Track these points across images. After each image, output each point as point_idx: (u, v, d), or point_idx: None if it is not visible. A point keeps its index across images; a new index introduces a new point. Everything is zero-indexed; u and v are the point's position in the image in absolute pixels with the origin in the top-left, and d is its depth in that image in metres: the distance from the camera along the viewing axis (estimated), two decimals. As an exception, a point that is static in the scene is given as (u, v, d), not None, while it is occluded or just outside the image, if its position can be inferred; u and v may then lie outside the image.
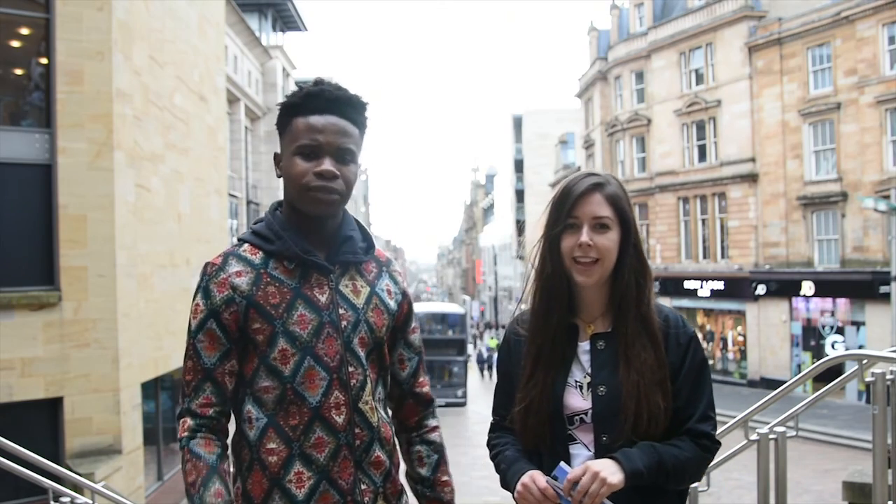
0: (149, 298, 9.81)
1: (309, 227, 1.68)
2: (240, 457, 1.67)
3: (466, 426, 22.66)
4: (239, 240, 1.74)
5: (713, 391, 1.71)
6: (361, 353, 1.67)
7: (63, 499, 3.56)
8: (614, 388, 1.62)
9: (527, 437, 1.70)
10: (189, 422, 1.63)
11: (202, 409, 1.64)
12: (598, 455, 1.61)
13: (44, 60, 8.42)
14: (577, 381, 1.67)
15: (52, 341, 8.25)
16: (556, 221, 1.67)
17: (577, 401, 1.66)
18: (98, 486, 4.24)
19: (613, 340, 1.67)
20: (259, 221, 1.75)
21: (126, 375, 8.91)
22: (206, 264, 1.69)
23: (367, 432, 1.65)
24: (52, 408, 8.39)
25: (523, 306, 1.85)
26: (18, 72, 8.76)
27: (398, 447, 1.81)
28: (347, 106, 1.65)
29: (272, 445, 1.61)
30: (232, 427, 1.72)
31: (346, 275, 1.71)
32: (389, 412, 1.81)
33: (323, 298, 1.65)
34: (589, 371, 1.67)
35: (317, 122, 1.62)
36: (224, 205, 14.54)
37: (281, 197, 1.79)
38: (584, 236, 1.62)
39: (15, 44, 8.72)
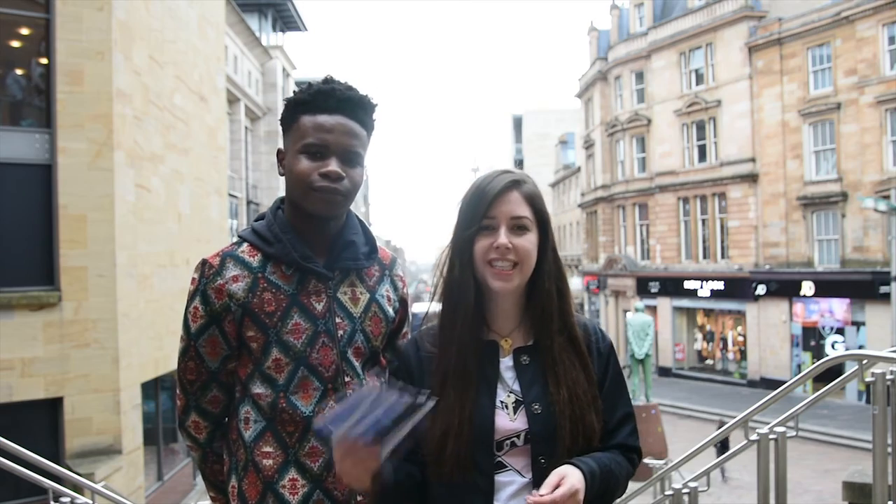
0: (149, 298, 9.81)
1: (310, 228, 1.64)
2: (235, 455, 1.65)
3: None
4: (239, 237, 1.70)
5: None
6: (357, 363, 1.64)
7: (63, 499, 3.56)
8: (550, 406, 1.46)
9: (444, 468, 1.45)
10: (201, 421, 1.71)
11: (212, 405, 1.69)
12: (537, 481, 1.43)
13: (44, 60, 8.42)
14: (501, 402, 1.49)
15: (52, 341, 8.24)
16: (470, 222, 1.49)
17: (506, 422, 1.47)
18: (98, 486, 4.24)
19: (538, 354, 1.51)
20: (261, 218, 1.71)
21: (126, 375, 8.91)
22: (204, 264, 1.64)
23: None
24: (52, 408, 8.39)
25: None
26: (18, 72, 8.76)
27: None
28: (357, 107, 1.61)
29: (268, 449, 1.59)
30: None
31: (346, 281, 1.66)
32: None
33: (319, 307, 1.61)
34: (515, 388, 1.50)
35: (325, 121, 1.57)
36: (224, 205, 14.54)
37: (280, 196, 1.76)
38: (503, 237, 1.46)
39: (15, 44, 8.72)
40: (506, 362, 1.53)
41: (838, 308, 20.58)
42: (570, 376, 1.49)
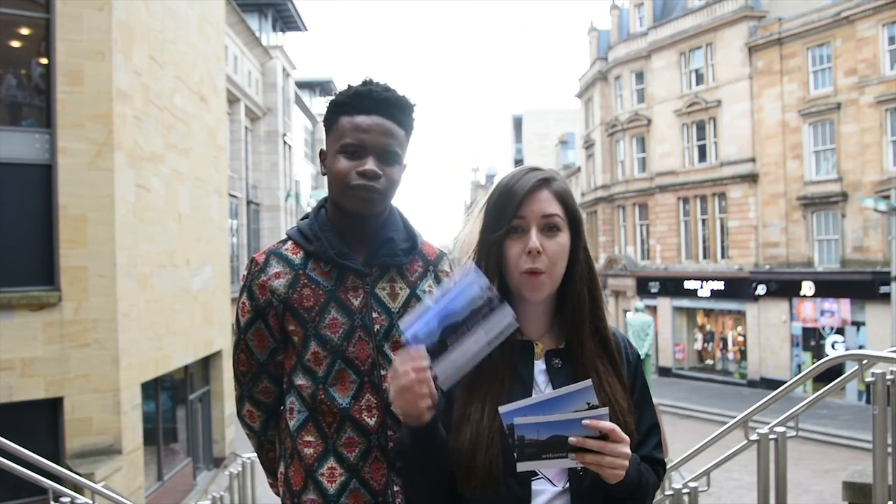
0: (149, 298, 9.81)
1: (350, 226, 1.70)
2: (283, 443, 1.75)
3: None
4: (287, 235, 1.78)
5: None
6: (394, 357, 1.67)
7: (63, 499, 3.56)
8: None
9: (474, 478, 1.37)
10: (255, 411, 1.81)
11: (264, 395, 1.80)
12: (573, 489, 1.38)
13: (44, 60, 8.42)
14: None
15: (52, 341, 8.25)
16: (497, 224, 1.43)
17: None
18: (98, 486, 4.25)
19: (571, 358, 1.45)
20: (307, 217, 1.79)
21: (126, 375, 8.91)
22: (252, 261, 1.72)
23: None
24: (52, 408, 8.39)
25: None
26: (19, 72, 8.76)
27: None
28: (394, 107, 1.65)
29: (309, 438, 1.67)
30: None
31: (385, 277, 1.71)
32: None
33: (356, 302, 1.67)
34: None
35: (362, 121, 1.62)
36: (224, 205, 14.54)
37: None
38: (533, 240, 1.39)
39: (15, 44, 8.72)
40: (538, 365, 1.47)
41: (838, 308, 20.58)
42: (605, 380, 1.43)
